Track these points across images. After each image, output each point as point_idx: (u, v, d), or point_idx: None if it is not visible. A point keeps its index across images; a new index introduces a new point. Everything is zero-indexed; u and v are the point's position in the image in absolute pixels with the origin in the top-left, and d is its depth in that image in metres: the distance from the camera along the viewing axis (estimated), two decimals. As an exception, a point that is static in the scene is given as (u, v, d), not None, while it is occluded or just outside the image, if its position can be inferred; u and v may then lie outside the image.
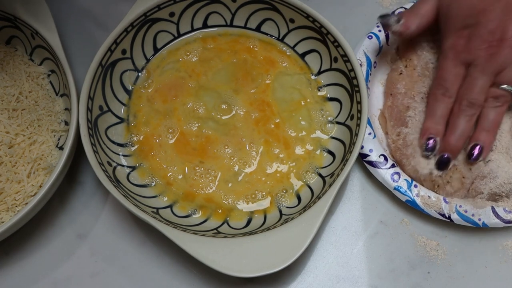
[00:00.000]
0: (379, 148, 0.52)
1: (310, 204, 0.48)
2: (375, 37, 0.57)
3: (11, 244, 0.51)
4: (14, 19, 0.54)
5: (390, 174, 0.51)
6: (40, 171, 0.50)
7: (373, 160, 0.51)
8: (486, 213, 0.50)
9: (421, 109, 0.53)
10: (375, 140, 0.52)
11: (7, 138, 0.51)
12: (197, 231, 0.47)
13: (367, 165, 0.52)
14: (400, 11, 0.58)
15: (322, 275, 0.50)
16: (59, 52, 0.52)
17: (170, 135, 0.53)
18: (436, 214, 0.50)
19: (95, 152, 0.48)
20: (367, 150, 0.52)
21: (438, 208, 0.50)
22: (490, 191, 0.50)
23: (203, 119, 0.54)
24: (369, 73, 0.55)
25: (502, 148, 0.52)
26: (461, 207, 0.50)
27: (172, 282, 0.49)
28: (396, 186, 0.51)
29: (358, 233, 0.52)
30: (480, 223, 0.49)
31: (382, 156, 0.52)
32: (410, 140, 0.52)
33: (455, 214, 0.50)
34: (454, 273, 0.50)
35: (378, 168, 0.51)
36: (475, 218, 0.49)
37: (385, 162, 0.51)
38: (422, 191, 0.50)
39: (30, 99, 0.54)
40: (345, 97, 0.53)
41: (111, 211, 0.52)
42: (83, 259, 0.50)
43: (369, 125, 0.52)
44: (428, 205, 0.50)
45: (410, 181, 0.51)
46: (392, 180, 0.51)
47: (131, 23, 0.53)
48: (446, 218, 0.50)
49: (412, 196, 0.50)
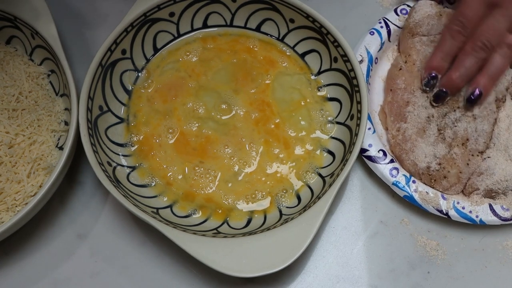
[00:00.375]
0: (378, 143, 0.52)
1: (310, 204, 0.48)
2: (377, 33, 0.57)
3: (11, 244, 0.51)
4: (14, 19, 0.54)
5: (388, 169, 0.51)
6: (40, 171, 0.50)
7: (372, 155, 0.52)
8: (483, 210, 0.50)
9: (420, 103, 0.53)
10: (375, 135, 0.52)
11: (7, 138, 0.51)
12: (197, 231, 0.47)
13: (366, 160, 0.52)
14: (403, 8, 0.58)
15: (322, 275, 0.50)
16: (59, 52, 0.52)
17: (170, 135, 0.53)
18: (434, 210, 0.50)
19: (95, 152, 0.48)
20: (366, 145, 0.52)
21: (436, 204, 0.50)
22: (486, 187, 0.50)
23: (203, 119, 0.54)
24: (370, 68, 0.55)
25: (500, 146, 0.52)
26: (459, 203, 0.50)
27: (172, 282, 0.49)
28: (395, 181, 0.51)
29: (358, 233, 0.52)
30: (477, 220, 0.49)
31: (381, 151, 0.52)
32: (409, 135, 0.52)
33: (452, 210, 0.50)
34: (454, 273, 0.50)
35: (377, 163, 0.51)
36: (473, 215, 0.49)
37: (384, 157, 0.52)
38: (420, 187, 0.51)
39: (30, 99, 0.54)
40: (345, 97, 0.53)
41: (111, 211, 0.52)
42: (83, 259, 0.50)
43: (369, 121, 0.52)
44: (426, 201, 0.50)
45: (408, 177, 0.51)
46: (391, 176, 0.51)
47: (131, 23, 0.53)
48: (443, 214, 0.50)
49: (410, 192, 0.50)
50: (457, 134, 0.51)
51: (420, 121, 0.52)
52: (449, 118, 0.52)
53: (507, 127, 0.52)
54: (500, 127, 0.52)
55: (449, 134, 0.51)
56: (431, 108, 0.53)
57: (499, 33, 0.48)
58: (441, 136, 0.52)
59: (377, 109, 0.56)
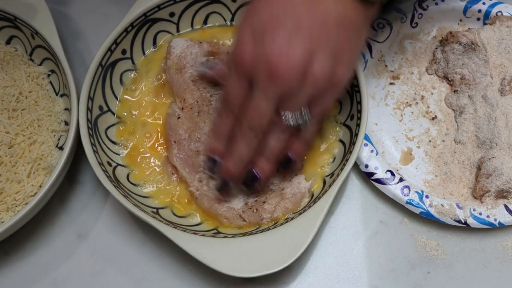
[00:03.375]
0: (383, 164, 0.51)
1: (310, 204, 0.48)
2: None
3: (11, 244, 0.51)
4: (14, 19, 0.54)
5: (399, 189, 0.50)
6: (40, 171, 0.50)
7: (381, 178, 0.51)
8: (500, 212, 0.50)
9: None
10: (379, 157, 0.52)
11: (7, 138, 0.51)
12: (197, 231, 0.47)
13: (375, 184, 0.51)
14: (379, 22, 0.57)
15: (322, 275, 0.50)
16: (59, 52, 0.52)
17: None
18: (452, 221, 0.50)
19: (95, 152, 0.48)
20: (372, 168, 0.51)
21: (453, 215, 0.50)
22: (497, 188, 0.50)
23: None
24: None
25: (503, 145, 0.52)
26: (475, 210, 0.50)
27: (172, 282, 0.49)
28: (408, 199, 0.50)
29: (358, 233, 0.52)
30: (496, 223, 0.49)
31: (389, 171, 0.51)
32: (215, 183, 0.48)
33: (470, 218, 0.50)
34: (454, 273, 0.50)
35: (386, 184, 0.51)
36: (491, 219, 0.49)
37: (393, 177, 0.51)
38: (434, 200, 0.50)
39: (30, 99, 0.54)
40: (345, 97, 0.53)
41: (111, 211, 0.52)
42: (83, 259, 0.50)
43: (369, 142, 0.52)
44: (443, 213, 0.50)
45: (420, 193, 0.50)
46: (403, 195, 0.50)
47: (131, 23, 0.53)
48: (462, 224, 0.50)
49: (426, 207, 0.50)
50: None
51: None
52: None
53: (505, 125, 0.52)
54: (499, 126, 0.52)
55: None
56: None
57: (264, 116, 0.43)
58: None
59: (373, 128, 0.55)
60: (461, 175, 0.53)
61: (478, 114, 0.54)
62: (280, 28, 0.41)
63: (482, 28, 0.58)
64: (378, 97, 0.57)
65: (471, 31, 0.57)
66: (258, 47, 0.41)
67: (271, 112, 0.43)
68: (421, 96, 0.57)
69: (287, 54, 0.41)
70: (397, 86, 0.57)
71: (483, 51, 0.55)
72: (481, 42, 0.56)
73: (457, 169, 0.53)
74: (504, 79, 0.54)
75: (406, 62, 0.58)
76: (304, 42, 0.41)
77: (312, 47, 0.41)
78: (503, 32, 0.56)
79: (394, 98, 0.57)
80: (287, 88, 0.42)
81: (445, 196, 0.52)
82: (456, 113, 0.55)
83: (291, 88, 0.42)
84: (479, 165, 0.52)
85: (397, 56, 0.58)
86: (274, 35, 0.41)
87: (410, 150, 0.54)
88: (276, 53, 0.41)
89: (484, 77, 0.55)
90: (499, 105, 0.53)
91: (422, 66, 0.58)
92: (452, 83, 0.56)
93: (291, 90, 0.42)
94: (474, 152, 0.53)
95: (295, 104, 0.43)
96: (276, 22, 0.41)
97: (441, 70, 0.57)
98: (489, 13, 0.58)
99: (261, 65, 0.41)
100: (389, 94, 0.57)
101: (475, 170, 0.52)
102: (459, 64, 0.56)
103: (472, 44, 0.55)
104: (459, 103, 0.55)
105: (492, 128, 0.52)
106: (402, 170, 0.53)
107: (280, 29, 0.41)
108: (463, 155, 0.53)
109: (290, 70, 0.41)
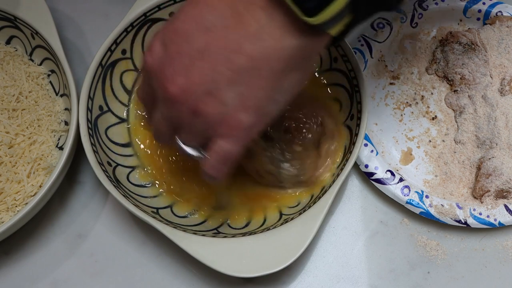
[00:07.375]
0: (383, 164, 0.51)
1: (310, 204, 0.48)
2: (359, 52, 0.56)
3: (11, 244, 0.51)
4: (14, 19, 0.54)
5: (399, 189, 0.51)
6: (40, 171, 0.50)
7: (381, 177, 0.51)
8: (500, 212, 0.50)
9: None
10: (379, 157, 0.52)
11: (7, 138, 0.51)
12: (197, 231, 0.47)
13: (375, 183, 0.51)
14: (379, 22, 0.57)
15: (322, 275, 0.50)
16: (59, 52, 0.52)
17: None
18: (452, 221, 0.50)
19: (95, 152, 0.48)
20: (372, 168, 0.51)
21: (453, 215, 0.50)
22: (497, 188, 0.50)
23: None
24: None
25: (503, 145, 0.52)
26: (475, 210, 0.50)
27: (172, 282, 0.49)
28: (408, 199, 0.50)
29: (358, 233, 0.52)
30: (496, 223, 0.49)
31: (389, 171, 0.51)
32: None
33: (470, 218, 0.50)
34: (454, 273, 0.50)
35: (386, 184, 0.51)
36: (491, 219, 0.49)
37: (393, 177, 0.51)
38: (434, 200, 0.50)
39: (30, 99, 0.54)
40: (345, 97, 0.53)
41: (111, 211, 0.52)
42: (83, 259, 0.50)
43: (369, 143, 0.52)
44: (443, 213, 0.50)
45: (420, 193, 0.50)
46: (403, 195, 0.50)
47: (131, 23, 0.53)
48: (462, 223, 0.50)
49: (426, 207, 0.50)
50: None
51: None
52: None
53: (505, 125, 0.52)
54: (499, 126, 0.52)
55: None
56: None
57: (164, 135, 0.40)
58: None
59: (373, 128, 0.55)
60: (461, 175, 0.53)
61: (478, 114, 0.54)
62: (183, 49, 0.35)
63: (482, 28, 0.58)
64: (378, 97, 0.57)
65: (471, 31, 0.57)
66: (161, 59, 0.36)
67: (170, 131, 0.39)
68: (421, 96, 0.57)
69: (179, 82, 0.35)
70: (397, 86, 0.57)
71: (483, 51, 0.55)
72: (481, 42, 0.56)
73: (457, 169, 0.53)
74: (504, 79, 0.54)
75: (406, 62, 0.58)
76: (204, 75, 0.35)
77: (213, 81, 0.35)
78: (503, 32, 0.57)
79: (394, 98, 0.57)
80: (177, 114, 0.37)
81: (445, 196, 0.52)
82: (456, 113, 0.55)
83: (181, 117, 0.37)
84: (479, 165, 0.52)
85: (397, 56, 0.58)
86: (174, 55, 0.35)
87: (410, 150, 0.54)
88: (169, 77, 0.35)
89: (484, 77, 0.55)
90: (499, 105, 0.53)
91: (422, 66, 0.58)
92: (452, 83, 0.56)
93: (182, 119, 0.37)
94: (474, 152, 0.53)
95: (188, 135, 0.39)
96: (185, 38, 0.35)
97: (441, 70, 0.57)
98: (489, 13, 0.58)
99: (158, 83, 0.37)
100: (389, 94, 0.57)
101: (475, 170, 0.52)
102: (459, 64, 0.56)
103: (472, 44, 0.56)
104: (459, 103, 0.55)
105: (492, 128, 0.52)
106: (402, 170, 0.53)
107: (184, 50, 0.35)
108: (463, 155, 0.53)
109: (179, 98, 0.36)
